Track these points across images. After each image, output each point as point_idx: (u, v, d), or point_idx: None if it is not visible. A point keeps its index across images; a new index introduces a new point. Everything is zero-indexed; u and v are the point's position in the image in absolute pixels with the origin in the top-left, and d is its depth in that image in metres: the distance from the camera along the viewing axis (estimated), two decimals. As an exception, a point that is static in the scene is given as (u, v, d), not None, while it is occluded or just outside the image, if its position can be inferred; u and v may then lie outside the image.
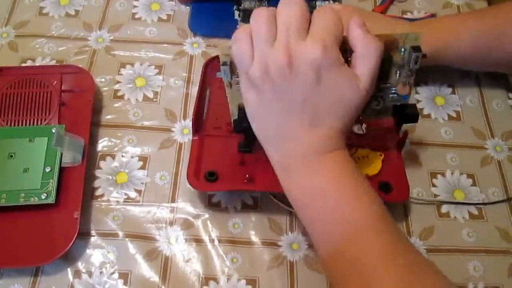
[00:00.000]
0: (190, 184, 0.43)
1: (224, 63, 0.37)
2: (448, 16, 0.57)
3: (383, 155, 0.45)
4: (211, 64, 0.50)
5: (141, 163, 0.47)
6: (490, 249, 0.44)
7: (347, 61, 0.36)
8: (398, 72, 0.39)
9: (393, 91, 0.40)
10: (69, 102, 0.48)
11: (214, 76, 0.49)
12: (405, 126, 0.45)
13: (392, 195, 0.44)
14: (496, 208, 0.46)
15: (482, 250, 0.44)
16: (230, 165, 0.45)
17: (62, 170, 0.44)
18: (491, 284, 0.42)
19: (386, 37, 0.36)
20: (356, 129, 0.43)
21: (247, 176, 0.43)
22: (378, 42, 0.35)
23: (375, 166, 0.45)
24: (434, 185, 0.47)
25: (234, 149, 0.45)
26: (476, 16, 0.51)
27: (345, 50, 0.36)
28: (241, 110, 0.39)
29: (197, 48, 0.55)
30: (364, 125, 0.42)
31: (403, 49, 0.38)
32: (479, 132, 0.51)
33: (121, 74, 0.53)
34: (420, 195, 0.46)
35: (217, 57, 0.49)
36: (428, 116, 0.52)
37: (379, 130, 0.47)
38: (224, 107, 0.46)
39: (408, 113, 0.41)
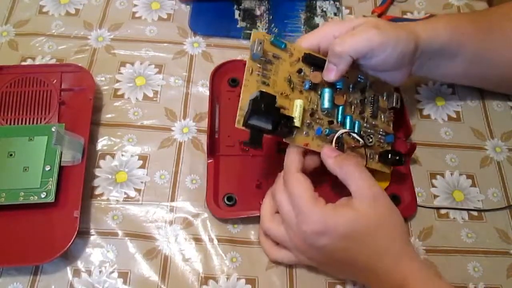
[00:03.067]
0: (210, 211, 0.44)
1: (260, 42, 0.39)
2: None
3: (392, 167, 0.45)
4: (218, 73, 0.51)
5: (140, 162, 0.47)
6: (489, 250, 0.44)
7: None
8: (382, 115, 0.45)
9: (381, 132, 0.45)
10: (69, 101, 0.48)
11: (222, 87, 0.50)
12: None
13: (400, 209, 0.44)
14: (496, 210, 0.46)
15: (481, 251, 0.44)
16: (247, 186, 0.45)
17: (61, 169, 0.44)
18: (490, 285, 0.42)
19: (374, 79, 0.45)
20: (367, 141, 0.44)
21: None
22: (351, 161, 0.39)
23: (385, 179, 0.45)
24: (433, 186, 0.47)
25: (249, 169, 0.46)
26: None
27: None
28: (253, 103, 0.38)
29: (197, 47, 0.55)
30: (373, 137, 0.43)
31: (385, 96, 0.46)
32: (479, 133, 0.51)
33: (121, 73, 0.53)
34: (419, 195, 0.46)
35: (223, 64, 0.51)
36: (428, 116, 0.52)
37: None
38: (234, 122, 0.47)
39: (391, 159, 0.43)
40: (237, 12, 0.58)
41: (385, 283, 0.37)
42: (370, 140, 0.43)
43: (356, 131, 0.43)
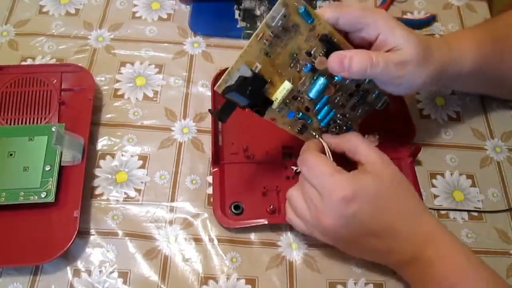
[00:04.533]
0: (218, 221, 0.43)
1: (285, 5, 0.36)
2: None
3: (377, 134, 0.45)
4: (220, 78, 0.50)
5: (140, 162, 0.47)
6: (489, 250, 0.44)
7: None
8: (360, 110, 0.44)
9: (348, 125, 0.44)
10: (69, 101, 0.48)
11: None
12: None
13: None
14: (495, 209, 0.46)
15: (481, 251, 0.44)
16: (253, 194, 0.45)
17: (61, 169, 0.44)
18: (490, 285, 0.42)
19: None
20: (371, 141, 0.43)
21: (271, 207, 0.44)
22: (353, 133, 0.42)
23: None
24: (433, 186, 0.47)
25: (254, 176, 0.46)
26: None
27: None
28: (241, 81, 0.36)
29: (197, 47, 0.55)
30: (377, 137, 0.43)
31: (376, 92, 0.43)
32: (479, 133, 0.51)
33: (121, 73, 0.53)
34: (419, 195, 0.46)
35: (224, 71, 0.49)
36: (428, 116, 0.52)
37: (392, 141, 0.47)
38: (238, 130, 0.47)
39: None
40: (237, 12, 0.58)
41: (409, 243, 0.38)
42: (334, 130, 0.43)
43: (327, 119, 0.42)
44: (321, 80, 0.40)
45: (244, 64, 0.36)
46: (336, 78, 0.40)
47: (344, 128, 0.44)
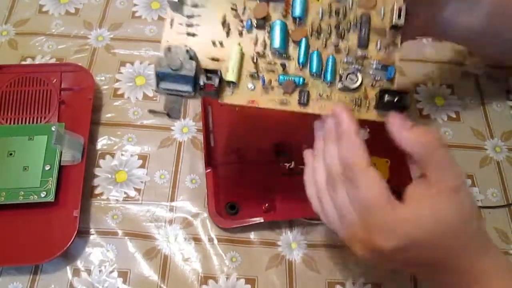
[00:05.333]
0: (214, 222, 0.43)
1: None
2: None
3: (389, 161, 0.45)
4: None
5: (140, 161, 0.47)
6: (488, 250, 0.44)
7: None
8: (379, 41, 0.33)
9: (375, 64, 0.33)
10: (69, 100, 0.48)
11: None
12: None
13: None
14: (495, 210, 0.46)
15: (480, 251, 0.44)
16: (248, 193, 0.44)
17: (61, 168, 0.44)
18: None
19: None
20: (360, 135, 0.42)
21: (266, 205, 0.44)
22: (435, 137, 0.31)
23: (384, 174, 0.45)
24: (433, 186, 0.47)
25: (248, 175, 0.45)
26: None
27: None
28: (159, 62, 0.30)
29: (197, 47, 0.55)
30: (367, 130, 0.41)
31: (382, 10, 0.33)
32: (479, 133, 0.51)
33: (121, 73, 0.53)
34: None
35: None
36: (428, 116, 0.52)
37: (383, 133, 0.47)
38: (229, 130, 0.46)
39: (388, 101, 0.32)
40: (237, 12, 0.58)
41: (456, 280, 0.32)
42: (354, 80, 0.33)
43: (330, 70, 0.33)
44: (278, 22, 0.33)
45: (168, 47, 0.31)
46: (295, 15, 0.33)
47: (374, 72, 0.33)
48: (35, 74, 0.49)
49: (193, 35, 0.33)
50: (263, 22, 0.33)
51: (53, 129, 0.45)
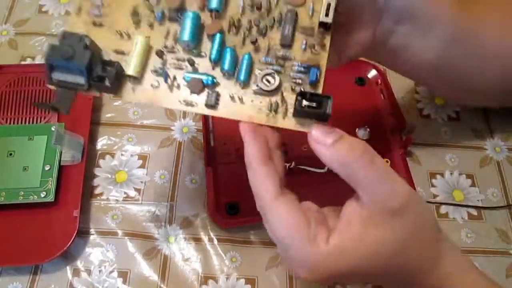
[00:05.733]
0: (214, 222, 0.43)
1: None
2: None
3: (389, 161, 0.45)
4: None
5: (140, 161, 0.47)
6: (488, 250, 0.44)
7: None
8: (304, 41, 0.29)
9: (297, 66, 0.29)
10: (69, 100, 0.48)
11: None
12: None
13: None
14: (495, 209, 0.46)
15: (480, 251, 0.44)
16: (248, 193, 0.43)
17: (61, 168, 0.43)
18: (489, 285, 0.42)
19: None
20: (361, 135, 0.42)
21: None
22: (358, 151, 0.26)
23: None
24: (433, 185, 0.47)
25: (248, 176, 0.44)
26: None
27: None
28: (50, 51, 0.27)
29: (197, 47, 0.55)
30: (368, 130, 0.40)
31: (311, 8, 0.29)
32: (479, 133, 0.51)
33: (121, 73, 0.52)
34: (419, 194, 0.46)
35: None
36: (428, 116, 0.52)
37: (383, 134, 0.48)
38: (228, 128, 0.44)
39: (305, 107, 0.27)
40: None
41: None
42: (272, 82, 0.29)
43: (244, 69, 0.29)
44: (190, 14, 0.29)
45: (63, 33, 0.28)
46: (211, 7, 0.29)
47: (296, 74, 0.29)
48: (35, 74, 0.49)
49: (100, 25, 0.30)
50: (177, 14, 0.29)
51: (53, 129, 0.45)
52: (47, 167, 0.43)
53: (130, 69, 0.29)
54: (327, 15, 0.28)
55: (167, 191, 0.46)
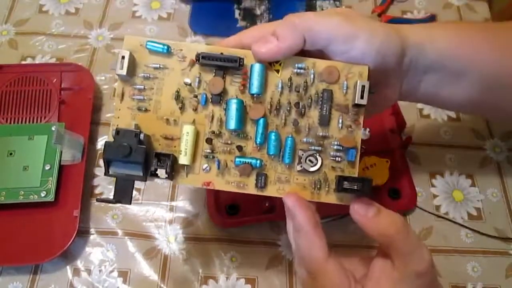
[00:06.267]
0: (214, 222, 0.43)
1: (124, 56, 0.30)
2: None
3: (389, 161, 0.45)
4: None
5: (140, 161, 0.47)
6: (488, 250, 0.44)
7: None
8: (341, 117, 0.31)
9: (336, 145, 0.31)
10: (69, 100, 0.48)
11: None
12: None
13: (401, 203, 0.45)
14: (495, 209, 0.46)
15: (480, 251, 0.44)
16: (248, 193, 0.43)
17: (61, 168, 0.44)
18: (489, 285, 0.42)
19: (326, 65, 0.31)
20: (361, 135, 0.42)
21: (266, 205, 0.43)
22: (398, 225, 0.29)
23: (384, 174, 0.45)
24: (433, 185, 0.47)
25: None
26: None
27: None
28: (107, 147, 0.29)
29: (197, 47, 0.55)
30: (368, 130, 0.40)
31: (345, 85, 0.31)
32: (478, 133, 0.51)
33: (121, 73, 0.52)
34: (419, 195, 0.46)
35: None
36: (428, 116, 0.52)
37: (383, 134, 0.48)
38: None
39: (348, 187, 0.30)
40: (237, 12, 0.58)
41: None
42: (314, 162, 0.31)
43: (288, 152, 0.31)
44: (234, 101, 0.30)
45: (117, 130, 0.29)
46: (253, 92, 0.30)
47: (336, 153, 0.31)
48: (35, 73, 0.49)
49: (145, 110, 0.31)
50: (219, 98, 0.31)
51: (53, 128, 0.45)
52: (47, 167, 0.43)
53: (183, 159, 0.30)
54: (362, 97, 0.30)
55: (167, 191, 0.46)
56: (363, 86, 0.30)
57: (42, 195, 0.42)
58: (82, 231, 0.43)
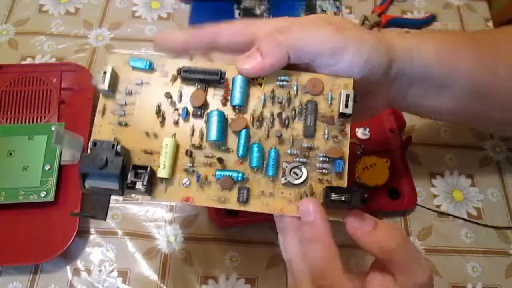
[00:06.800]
0: (214, 222, 0.43)
1: (105, 72, 0.30)
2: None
3: (389, 161, 0.45)
4: None
5: (140, 161, 0.47)
6: (488, 250, 0.44)
7: None
8: (326, 128, 0.30)
9: (322, 156, 0.30)
10: (69, 100, 0.48)
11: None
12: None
13: (401, 202, 0.45)
14: (495, 209, 0.46)
15: (480, 251, 0.44)
16: None
17: (61, 168, 0.44)
18: (489, 285, 0.42)
19: (310, 77, 0.30)
20: (360, 134, 0.42)
21: None
22: (395, 237, 0.27)
23: (384, 174, 0.45)
24: (433, 185, 0.47)
25: None
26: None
27: None
28: (83, 160, 0.28)
29: (197, 46, 0.55)
30: (368, 130, 0.40)
31: (330, 96, 0.30)
32: (478, 133, 0.51)
33: (121, 72, 0.52)
34: (419, 194, 0.46)
35: None
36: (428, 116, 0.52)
37: (383, 133, 0.48)
38: None
39: (335, 200, 0.28)
40: (237, 12, 0.58)
41: None
42: (299, 175, 0.30)
43: (271, 164, 0.29)
44: (215, 113, 0.29)
45: (94, 141, 0.29)
46: (235, 104, 0.30)
47: (322, 165, 0.30)
48: (35, 73, 0.49)
49: (126, 124, 0.30)
50: (201, 111, 0.30)
51: (53, 128, 0.45)
52: (47, 167, 0.43)
53: (162, 172, 0.29)
54: (346, 106, 0.29)
55: (167, 191, 0.46)
56: (347, 95, 0.29)
57: (42, 195, 0.42)
58: (82, 231, 0.43)
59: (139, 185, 0.28)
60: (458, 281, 0.43)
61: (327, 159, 0.29)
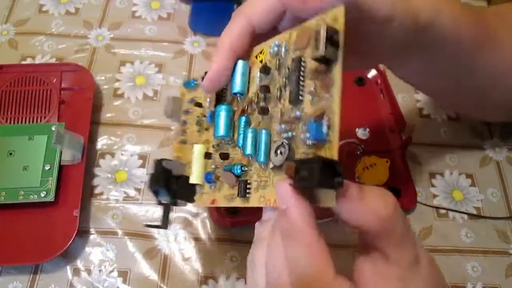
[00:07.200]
0: (214, 222, 0.43)
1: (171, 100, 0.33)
2: None
3: (389, 161, 0.45)
4: None
5: (140, 161, 0.47)
6: (488, 250, 0.44)
7: None
8: (313, 87, 0.23)
9: (306, 127, 0.23)
10: (69, 100, 0.48)
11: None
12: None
13: (401, 202, 0.44)
14: (495, 209, 0.46)
15: (480, 251, 0.44)
16: None
17: (61, 168, 0.43)
18: (489, 285, 0.42)
19: (298, 30, 0.24)
20: (360, 134, 0.42)
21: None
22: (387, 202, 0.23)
23: (384, 174, 0.45)
24: (433, 185, 0.47)
25: None
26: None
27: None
28: (150, 180, 0.29)
29: (197, 46, 0.55)
30: (368, 130, 0.40)
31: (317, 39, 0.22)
32: (478, 132, 0.51)
33: (121, 73, 0.53)
34: (419, 194, 0.46)
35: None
36: (427, 116, 0.52)
37: (382, 133, 0.48)
38: None
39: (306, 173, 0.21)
40: (237, 12, 0.58)
41: None
42: (281, 150, 0.24)
43: (263, 148, 0.25)
44: (223, 107, 0.28)
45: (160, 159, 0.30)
46: (235, 92, 0.28)
47: (307, 136, 0.22)
48: (35, 73, 0.49)
49: (184, 142, 0.33)
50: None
51: (53, 128, 0.45)
52: (47, 167, 0.43)
53: (192, 178, 0.29)
54: (324, 46, 0.21)
55: (167, 191, 0.46)
56: (328, 32, 0.21)
57: (42, 195, 0.42)
58: (82, 231, 0.43)
59: (183, 193, 0.31)
60: (458, 281, 0.43)
61: (312, 126, 0.22)
